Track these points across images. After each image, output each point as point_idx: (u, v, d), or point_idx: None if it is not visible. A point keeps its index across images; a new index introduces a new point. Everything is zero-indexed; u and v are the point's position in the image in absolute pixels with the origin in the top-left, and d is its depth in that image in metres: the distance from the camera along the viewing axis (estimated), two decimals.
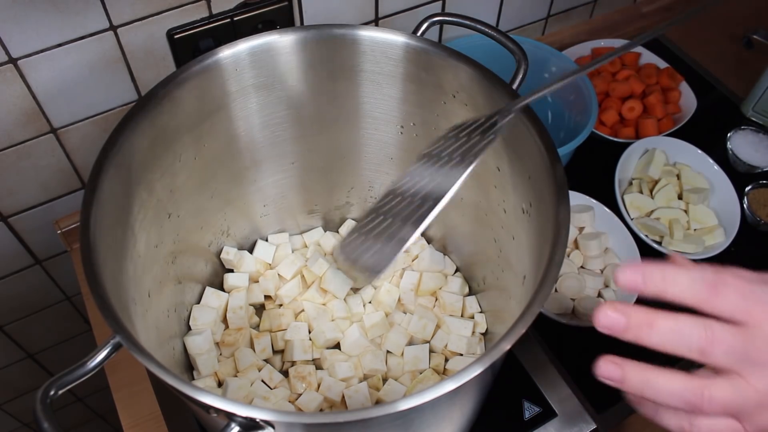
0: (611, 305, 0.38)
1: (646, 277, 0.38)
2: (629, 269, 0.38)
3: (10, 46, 0.65)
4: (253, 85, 0.62)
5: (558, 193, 0.49)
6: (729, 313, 0.37)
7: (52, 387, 0.42)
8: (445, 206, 0.72)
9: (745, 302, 0.37)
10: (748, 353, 0.37)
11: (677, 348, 0.37)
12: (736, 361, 0.37)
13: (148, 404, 0.71)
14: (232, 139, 0.66)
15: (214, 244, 0.73)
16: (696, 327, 0.37)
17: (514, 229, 0.60)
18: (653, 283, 0.38)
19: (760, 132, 0.99)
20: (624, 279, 0.38)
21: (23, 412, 1.15)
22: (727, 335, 0.37)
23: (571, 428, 0.69)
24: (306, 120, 0.68)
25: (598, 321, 0.38)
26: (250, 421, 0.39)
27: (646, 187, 0.92)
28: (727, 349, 0.37)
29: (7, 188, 0.77)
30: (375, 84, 0.64)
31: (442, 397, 0.40)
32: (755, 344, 0.37)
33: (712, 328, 0.37)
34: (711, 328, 0.37)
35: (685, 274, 0.38)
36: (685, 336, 0.37)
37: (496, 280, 0.68)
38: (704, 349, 0.37)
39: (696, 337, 0.37)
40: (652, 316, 0.38)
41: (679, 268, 0.38)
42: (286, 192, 0.76)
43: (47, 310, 0.97)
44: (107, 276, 0.47)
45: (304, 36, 0.61)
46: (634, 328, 0.38)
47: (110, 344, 0.43)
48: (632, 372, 0.39)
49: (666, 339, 0.37)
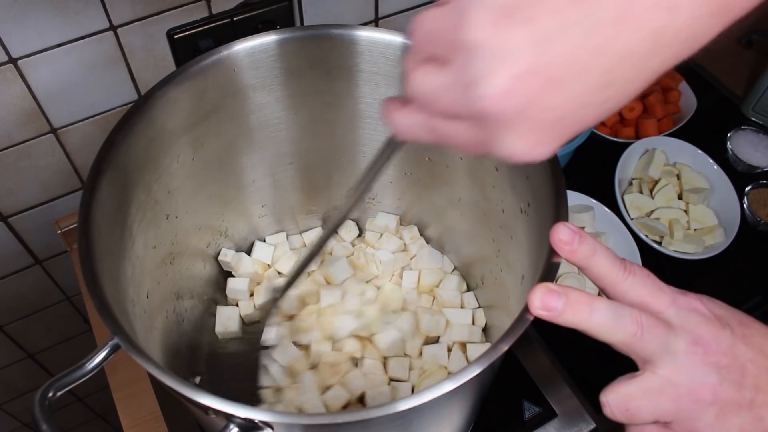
0: (546, 285, 0.38)
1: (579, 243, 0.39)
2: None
3: (10, 46, 0.65)
4: (250, 86, 0.62)
5: (556, 192, 0.49)
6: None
7: (51, 389, 0.42)
8: (444, 206, 0.73)
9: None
10: (668, 343, 0.37)
11: (613, 332, 0.37)
12: (661, 350, 0.37)
13: (148, 404, 0.71)
14: (230, 140, 0.66)
15: (213, 244, 0.73)
16: (626, 308, 0.38)
17: (513, 228, 0.60)
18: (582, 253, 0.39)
19: (760, 132, 0.99)
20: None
21: (23, 412, 1.15)
22: (652, 319, 0.38)
23: (571, 428, 0.69)
24: (304, 120, 0.68)
25: (533, 302, 0.38)
26: (249, 422, 0.39)
27: (646, 187, 0.92)
28: (653, 333, 0.37)
29: (7, 188, 0.77)
30: (373, 84, 0.64)
31: (441, 398, 0.40)
32: (674, 333, 0.38)
33: (640, 311, 0.38)
34: (639, 311, 0.38)
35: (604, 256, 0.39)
36: (622, 319, 0.37)
37: (495, 279, 0.68)
38: (636, 332, 0.37)
39: (630, 321, 0.37)
40: (591, 296, 0.38)
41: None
42: (284, 192, 0.75)
43: (47, 310, 0.97)
44: (106, 277, 0.47)
45: (302, 36, 0.61)
46: (573, 308, 0.37)
47: (109, 345, 0.43)
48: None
49: (604, 320, 0.37)
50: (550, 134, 0.29)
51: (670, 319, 0.38)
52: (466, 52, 0.28)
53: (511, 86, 0.27)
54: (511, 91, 0.27)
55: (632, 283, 0.39)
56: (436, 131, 0.33)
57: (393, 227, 0.78)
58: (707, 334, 0.38)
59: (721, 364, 0.37)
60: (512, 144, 0.29)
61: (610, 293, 0.40)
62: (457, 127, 0.31)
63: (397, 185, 0.76)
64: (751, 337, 0.39)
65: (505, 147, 0.30)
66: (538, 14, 0.26)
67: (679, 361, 0.37)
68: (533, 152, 0.30)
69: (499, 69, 0.27)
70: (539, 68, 0.27)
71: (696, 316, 0.38)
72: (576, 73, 0.27)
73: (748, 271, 0.88)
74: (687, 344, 0.37)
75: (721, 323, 0.38)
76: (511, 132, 0.29)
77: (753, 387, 0.37)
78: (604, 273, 0.39)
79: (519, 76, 0.27)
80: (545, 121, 0.28)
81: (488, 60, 0.27)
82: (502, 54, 0.27)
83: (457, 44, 0.28)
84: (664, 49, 0.27)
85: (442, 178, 0.70)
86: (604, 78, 0.27)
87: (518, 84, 0.27)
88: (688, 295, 0.40)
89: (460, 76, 0.29)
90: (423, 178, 0.72)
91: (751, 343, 0.38)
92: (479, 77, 0.27)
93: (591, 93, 0.28)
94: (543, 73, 0.27)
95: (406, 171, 0.73)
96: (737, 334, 0.38)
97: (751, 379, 0.37)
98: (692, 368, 0.37)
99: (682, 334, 0.38)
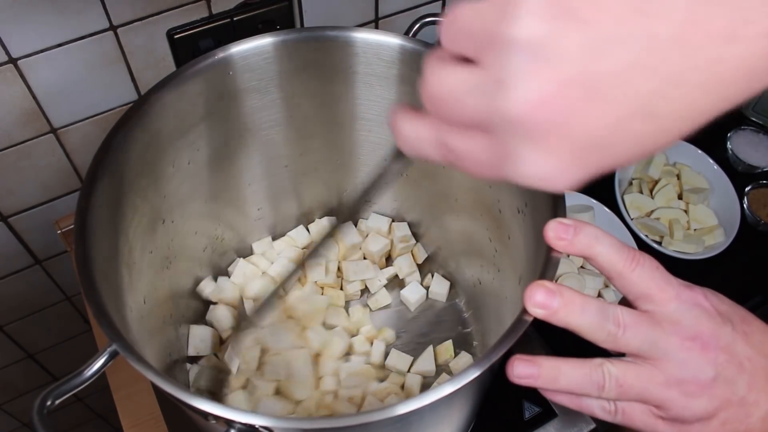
0: (542, 283, 0.38)
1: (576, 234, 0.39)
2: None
3: (10, 46, 0.65)
4: (245, 89, 0.62)
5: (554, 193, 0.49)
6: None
7: (49, 397, 0.41)
8: (440, 206, 0.73)
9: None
10: (656, 340, 0.38)
11: (597, 330, 0.38)
12: (648, 346, 0.38)
13: (148, 404, 0.71)
14: (225, 143, 0.65)
15: (209, 248, 0.73)
16: (611, 307, 0.38)
17: (510, 229, 0.60)
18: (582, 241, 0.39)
19: (760, 132, 0.99)
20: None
21: (23, 412, 1.15)
22: (634, 316, 0.38)
23: (571, 428, 0.69)
24: (300, 122, 0.68)
25: (528, 300, 0.38)
26: (249, 427, 0.39)
27: (646, 187, 0.92)
28: (636, 331, 0.38)
29: (7, 188, 0.77)
30: (369, 86, 0.64)
31: (440, 400, 0.40)
32: (663, 329, 0.38)
33: (622, 308, 0.38)
34: (622, 309, 0.38)
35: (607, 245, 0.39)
36: (606, 319, 0.38)
37: (492, 280, 0.68)
38: (616, 332, 0.37)
39: (611, 316, 0.38)
40: (584, 296, 0.38)
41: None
42: (280, 195, 0.75)
43: (47, 310, 0.97)
44: (103, 283, 0.46)
45: (297, 38, 0.61)
46: (567, 307, 0.38)
47: (107, 352, 0.43)
48: (545, 365, 0.39)
49: (591, 320, 0.38)
50: (578, 160, 0.26)
51: (670, 313, 0.38)
52: (506, 47, 0.24)
53: (551, 93, 0.24)
54: (551, 98, 0.24)
55: (640, 275, 0.39)
56: (446, 146, 0.30)
57: (385, 230, 0.79)
58: (707, 330, 0.38)
59: (718, 360, 0.38)
60: (535, 163, 0.26)
61: (617, 284, 0.40)
62: (472, 142, 0.28)
63: (392, 185, 0.75)
64: (752, 335, 0.39)
65: (526, 166, 0.26)
66: (598, 17, 0.23)
67: (673, 356, 0.38)
68: (557, 177, 0.27)
69: (541, 71, 0.24)
70: (585, 79, 0.24)
71: (698, 311, 0.39)
72: (623, 92, 0.24)
73: (748, 271, 0.88)
74: (682, 339, 0.38)
75: (722, 319, 0.39)
76: (536, 148, 0.26)
77: (746, 385, 0.38)
78: (611, 263, 0.39)
79: (562, 83, 0.24)
80: (577, 142, 0.25)
81: (530, 58, 0.24)
82: (547, 54, 0.23)
83: (497, 39, 0.25)
84: (718, 85, 0.24)
85: (439, 177, 0.69)
86: (650, 105, 0.24)
87: (559, 92, 0.24)
88: (693, 289, 0.40)
89: (491, 74, 0.25)
90: (419, 178, 0.72)
91: (750, 341, 0.39)
92: (515, 77, 0.24)
93: (632, 120, 0.25)
94: (588, 85, 0.24)
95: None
96: (738, 331, 0.39)
97: (746, 377, 0.38)
98: (688, 362, 0.37)
99: (676, 329, 0.38)
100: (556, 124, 0.25)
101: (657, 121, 0.25)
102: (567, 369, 0.39)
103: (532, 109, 0.24)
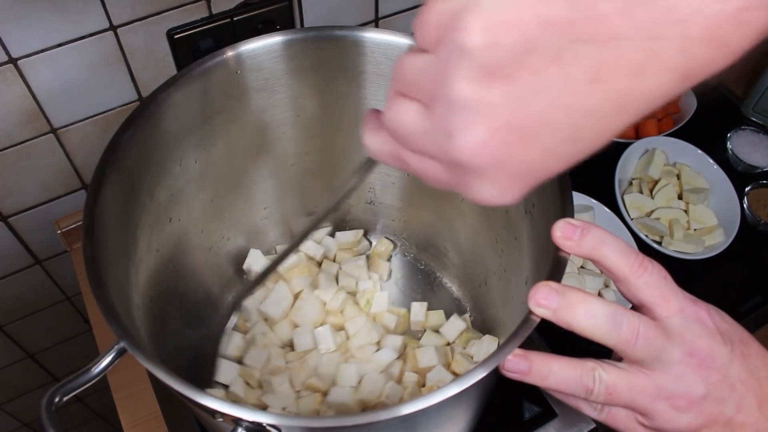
0: (546, 283, 0.39)
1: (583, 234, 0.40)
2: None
3: (10, 46, 0.65)
4: (253, 88, 0.62)
5: (562, 193, 0.49)
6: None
7: (57, 394, 0.41)
8: (446, 206, 0.73)
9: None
10: (662, 352, 0.38)
11: (608, 335, 0.38)
12: (653, 358, 0.38)
13: (148, 404, 0.71)
14: (233, 142, 0.65)
15: (215, 247, 0.73)
16: (627, 314, 0.38)
17: (517, 229, 0.60)
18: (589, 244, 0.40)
19: (760, 132, 0.99)
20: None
21: (23, 412, 1.14)
22: (650, 329, 0.38)
23: (571, 428, 0.69)
24: (307, 122, 0.68)
25: (530, 299, 0.39)
26: (257, 425, 0.39)
27: (646, 187, 0.93)
28: (648, 343, 0.37)
29: (7, 188, 0.77)
30: (376, 86, 0.64)
31: (446, 401, 0.40)
32: (671, 343, 0.38)
33: (640, 318, 0.38)
34: (639, 318, 0.38)
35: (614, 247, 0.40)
36: (619, 325, 0.37)
37: (498, 281, 0.68)
38: (630, 340, 0.37)
39: (626, 324, 0.37)
40: (590, 297, 0.38)
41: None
42: (286, 194, 0.75)
43: (47, 310, 0.97)
44: (111, 282, 0.46)
45: (305, 38, 0.61)
46: (569, 308, 0.38)
47: (114, 350, 0.43)
48: (536, 362, 0.40)
49: (600, 324, 0.37)
50: (519, 182, 0.31)
51: (673, 327, 0.38)
52: (447, 103, 0.29)
53: (488, 139, 0.28)
54: (488, 144, 0.28)
55: (646, 283, 0.39)
56: (404, 163, 0.34)
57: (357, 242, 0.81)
58: (706, 348, 0.38)
59: (711, 378, 0.38)
60: (483, 190, 0.31)
61: (622, 289, 0.40)
62: (427, 164, 0.33)
63: (398, 185, 0.75)
64: (749, 357, 0.39)
65: (476, 192, 0.32)
66: (518, 73, 0.27)
67: (669, 369, 0.38)
68: (502, 198, 0.32)
69: (478, 123, 0.28)
70: (516, 124, 0.28)
71: (699, 328, 0.39)
72: (549, 129, 0.28)
73: (748, 271, 0.88)
74: (682, 354, 0.38)
75: (722, 338, 0.39)
76: (483, 180, 0.30)
77: (735, 406, 0.38)
78: (617, 267, 0.39)
79: (496, 130, 0.28)
80: (516, 171, 0.30)
81: (468, 113, 0.28)
82: (481, 109, 0.28)
83: (438, 95, 0.29)
84: (629, 109, 0.28)
85: None
86: (575, 134, 0.28)
87: (495, 138, 0.28)
88: (698, 304, 0.40)
89: (438, 124, 0.30)
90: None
91: (747, 363, 0.39)
92: (458, 128, 0.29)
93: (561, 147, 0.29)
94: (519, 128, 0.28)
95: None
96: (736, 353, 0.39)
97: (736, 398, 0.38)
98: (683, 377, 0.38)
99: (679, 343, 0.38)
100: (496, 162, 0.29)
101: (582, 143, 0.29)
102: (558, 369, 0.39)
103: (475, 153, 0.29)
